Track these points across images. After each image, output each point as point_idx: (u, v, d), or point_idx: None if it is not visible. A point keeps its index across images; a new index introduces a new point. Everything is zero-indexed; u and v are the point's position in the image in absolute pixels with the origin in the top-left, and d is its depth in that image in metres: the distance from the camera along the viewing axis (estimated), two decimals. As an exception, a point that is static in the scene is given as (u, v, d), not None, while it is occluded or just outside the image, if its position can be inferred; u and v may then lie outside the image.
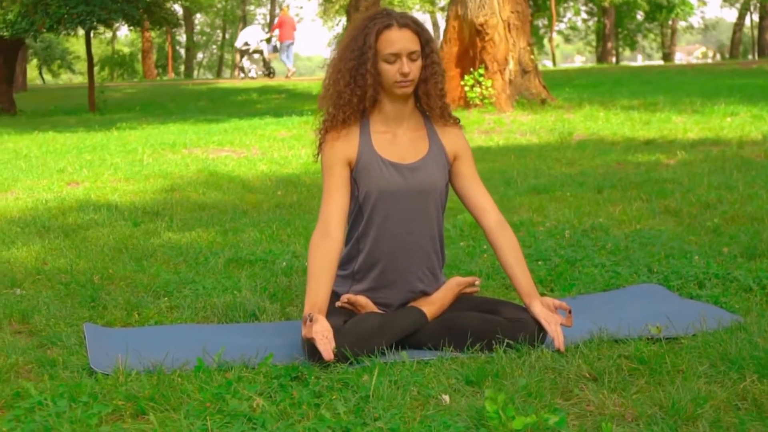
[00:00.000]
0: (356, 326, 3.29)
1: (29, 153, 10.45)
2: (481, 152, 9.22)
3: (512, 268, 3.51)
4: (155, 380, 2.97)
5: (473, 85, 12.59)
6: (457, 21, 12.80)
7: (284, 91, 22.16)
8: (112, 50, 54.82)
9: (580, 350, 3.24)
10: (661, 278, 4.29)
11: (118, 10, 17.85)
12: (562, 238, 5.13)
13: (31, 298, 4.12)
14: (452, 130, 3.60)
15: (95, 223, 5.97)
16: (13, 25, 17.93)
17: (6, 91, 19.53)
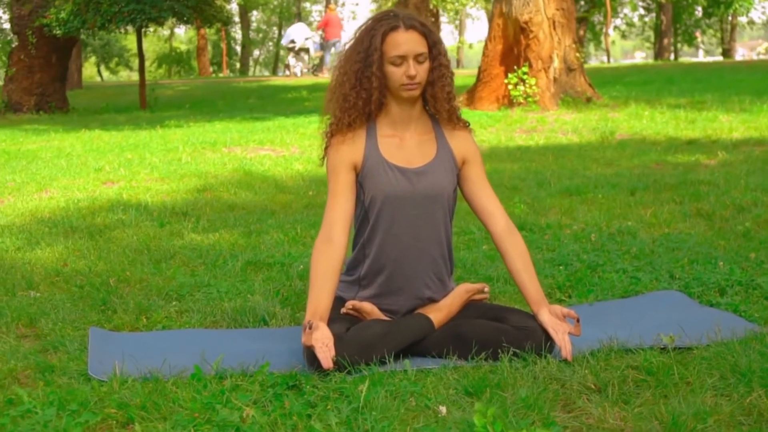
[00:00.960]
0: (359, 334, 3.24)
1: (72, 151, 10.53)
2: (519, 152, 9.13)
3: (520, 275, 3.43)
4: (148, 388, 2.94)
5: (517, 83, 12.47)
6: (501, 19, 12.69)
7: (333, 89, 22.09)
8: (169, 48, 55.26)
9: (588, 360, 3.16)
10: (682, 285, 4.19)
11: (168, 8, 17.93)
12: (587, 242, 5.04)
13: (44, 301, 4.12)
14: (461, 134, 3.53)
15: (122, 223, 5.98)
16: (65, 23, 18.09)
17: (59, 89, 19.71)
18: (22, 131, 13.84)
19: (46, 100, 19.26)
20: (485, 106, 12.66)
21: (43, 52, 19.15)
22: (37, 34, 18.74)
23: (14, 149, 10.97)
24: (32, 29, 18.75)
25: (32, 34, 18.78)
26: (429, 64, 3.39)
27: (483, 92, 12.85)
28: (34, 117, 17.49)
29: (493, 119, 11.70)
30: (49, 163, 9.44)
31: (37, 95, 19.26)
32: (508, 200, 6.35)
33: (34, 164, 9.42)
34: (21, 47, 19.14)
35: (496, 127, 11.13)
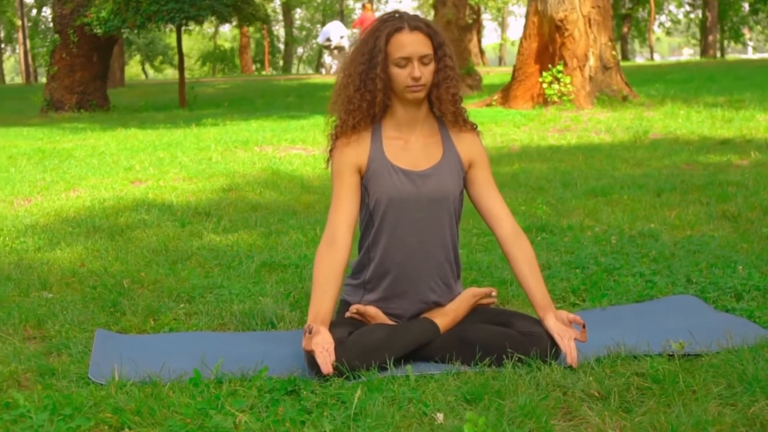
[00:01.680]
0: (361, 338, 3.21)
1: (106, 150, 10.59)
2: (550, 151, 9.05)
3: (526, 280, 3.39)
4: (145, 393, 2.93)
5: (551, 81, 12.38)
6: (536, 17, 12.61)
7: (373, 87, 22.08)
8: (213, 45, 55.56)
9: (593, 367, 3.11)
10: (698, 289, 4.12)
11: (206, 7, 18.00)
12: (607, 245, 4.98)
13: (55, 302, 4.13)
14: (468, 136, 3.49)
15: (144, 223, 5.99)
16: (105, 22, 18.22)
17: (100, 87, 19.86)
18: (60, 129, 13.97)
19: (87, 99, 19.41)
20: (520, 105, 12.59)
21: (84, 51, 19.30)
22: (78, 33, 18.89)
23: (50, 148, 11.05)
24: (73, 28, 18.91)
25: (74, 32, 18.94)
26: (434, 65, 3.35)
27: (518, 91, 12.78)
28: (75, 115, 17.63)
29: (527, 118, 11.62)
30: (82, 162, 9.50)
31: (79, 93, 19.41)
32: (531, 201, 6.29)
33: (66, 163, 9.48)
34: (63, 46, 19.31)
35: (529, 126, 11.05)
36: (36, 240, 5.53)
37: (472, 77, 18.35)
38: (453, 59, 3.43)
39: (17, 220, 6.21)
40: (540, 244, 5.07)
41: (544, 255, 4.80)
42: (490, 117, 11.81)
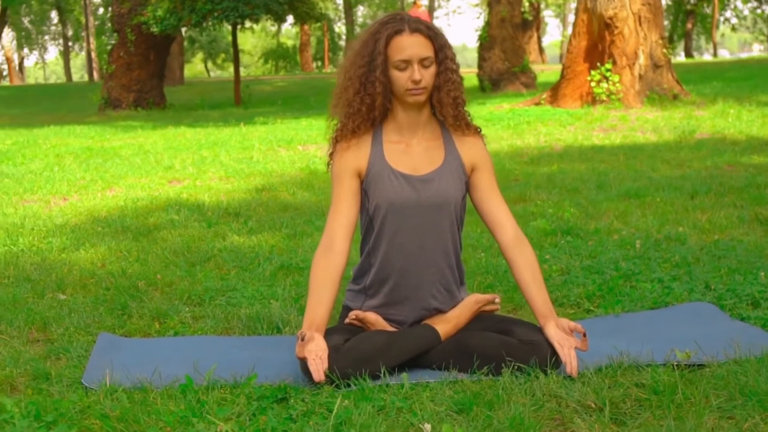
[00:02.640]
0: (358, 345, 3.17)
1: (152, 149, 10.67)
2: (592, 152, 8.93)
3: (528, 287, 3.32)
4: (132, 399, 2.92)
5: (600, 80, 12.22)
6: (586, 14, 12.45)
7: (428, 85, 22.04)
8: (276, 43, 55.86)
9: (592, 376, 3.05)
10: (715, 296, 4.02)
11: (261, 6, 18.10)
12: (631, 249, 4.88)
13: (66, 304, 4.15)
14: (471, 140, 3.43)
15: (171, 224, 6.01)
16: (161, 21, 18.40)
17: (157, 86, 20.06)
18: (113, 128, 14.11)
19: (143, 97, 19.62)
20: (569, 104, 12.45)
21: (142, 50, 19.51)
22: (135, 31, 19.10)
23: (98, 146, 11.17)
24: (131, 27, 19.13)
25: (131, 31, 19.15)
26: (435, 68, 3.30)
27: (566, 89, 12.64)
28: (132, 113, 17.83)
29: (574, 117, 11.49)
30: (126, 161, 9.58)
31: (135, 92, 19.63)
32: (561, 203, 6.20)
33: (110, 161, 9.57)
34: (120, 45, 19.54)
35: (574, 126, 10.93)
36: (63, 240, 5.57)
37: (527, 75, 18.23)
38: (455, 62, 3.37)
39: (49, 220, 6.27)
40: (563, 248, 4.99)
41: (564, 259, 4.72)
42: (536, 116, 11.70)
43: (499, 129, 11.04)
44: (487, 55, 18.38)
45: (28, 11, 59.82)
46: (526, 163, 8.41)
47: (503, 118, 11.83)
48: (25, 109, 21.87)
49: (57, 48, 73.94)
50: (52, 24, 67.85)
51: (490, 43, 18.26)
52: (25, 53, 73.44)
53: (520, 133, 10.57)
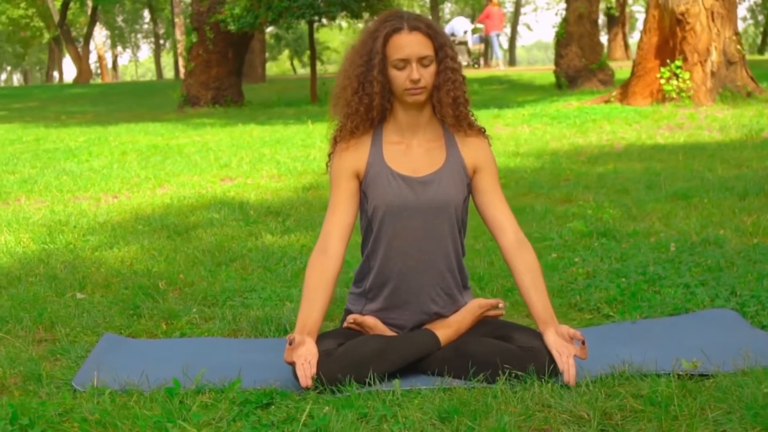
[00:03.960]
0: (352, 350, 3.11)
1: (216, 146, 10.73)
2: (652, 151, 8.73)
3: (528, 292, 3.24)
4: (114, 403, 2.90)
5: (669, 77, 11.95)
6: (657, 10, 12.19)
7: (507, 82, 21.89)
8: (363, 40, 55.88)
9: (589, 386, 2.95)
10: (739, 302, 3.88)
11: (337, 3, 18.08)
12: (665, 252, 4.74)
13: (82, 303, 4.16)
14: (474, 141, 3.35)
15: (210, 223, 6.02)
16: (239, 19, 18.50)
17: (235, 83, 20.18)
18: (185, 125, 14.25)
19: (222, 94, 19.76)
20: (638, 102, 12.19)
21: (220, 47, 19.63)
22: (214, 29, 19.23)
23: (164, 144, 11.27)
24: (209, 25, 19.27)
25: (210, 29, 19.29)
26: (435, 67, 3.22)
27: (636, 87, 12.38)
28: (210, 110, 17.96)
29: (641, 115, 11.25)
30: (186, 159, 9.65)
31: (214, 89, 19.77)
32: (602, 204, 6.06)
33: (170, 159, 9.64)
34: (199, 43, 19.69)
35: (641, 124, 10.70)
36: (99, 238, 5.61)
37: (604, 72, 17.94)
38: (456, 61, 3.29)
39: (93, 218, 6.33)
40: (595, 250, 4.87)
41: (593, 262, 4.61)
42: (604, 114, 11.49)
43: (564, 127, 10.88)
44: (563, 51, 18.13)
45: (121, 10, 60.90)
46: (582, 162, 8.25)
47: (570, 116, 11.65)
48: (110, 106, 22.21)
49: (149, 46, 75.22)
50: (144, 22, 69.05)
51: (567, 39, 18.00)
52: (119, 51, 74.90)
53: (584, 131, 10.40)
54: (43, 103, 24.27)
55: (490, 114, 12.83)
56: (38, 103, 24.37)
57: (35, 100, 25.82)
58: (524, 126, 11.28)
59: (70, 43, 39.86)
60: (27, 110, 21.22)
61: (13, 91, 32.91)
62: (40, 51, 63.62)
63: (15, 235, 5.80)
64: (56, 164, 9.60)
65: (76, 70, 39.38)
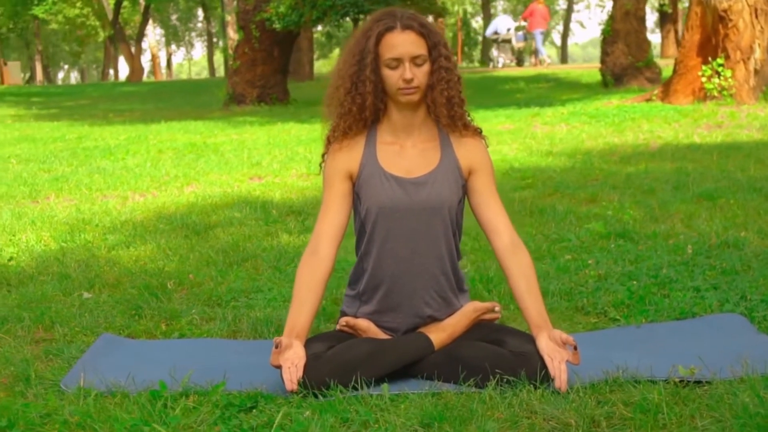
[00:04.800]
0: (341, 354, 3.08)
1: (252, 145, 10.73)
2: (687, 150, 8.59)
3: (522, 296, 3.18)
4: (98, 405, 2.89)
5: (711, 75, 11.75)
6: (699, 7, 11.99)
7: (553, 80, 21.72)
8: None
9: (581, 392, 2.90)
10: (748, 307, 3.79)
11: (381, 1, 18.06)
12: (681, 254, 4.65)
13: (87, 303, 4.17)
14: (470, 142, 3.30)
15: (230, 222, 6.01)
16: (284, 17, 18.55)
17: (280, 81, 20.22)
18: (226, 123, 14.29)
19: (267, 93, 19.81)
20: (680, 100, 12.01)
21: (266, 46, 19.68)
22: (260, 28, 19.29)
23: (201, 142, 11.30)
24: (255, 23, 19.33)
25: (255, 28, 19.36)
26: (429, 67, 3.18)
27: (678, 85, 12.20)
28: (255, 108, 18.01)
29: (681, 114, 11.09)
30: (220, 157, 9.66)
31: (259, 87, 19.82)
32: (627, 206, 5.96)
33: (204, 158, 9.67)
34: (245, 41, 19.75)
35: (679, 123, 10.54)
36: (118, 237, 5.63)
37: (651, 70, 17.72)
38: (450, 60, 3.25)
39: (117, 216, 6.35)
40: (611, 252, 4.79)
41: (606, 265, 4.53)
42: (643, 113, 11.34)
43: (601, 126, 10.75)
44: (609, 49, 17.93)
45: (176, 9, 61.40)
46: (615, 162, 8.14)
47: (609, 114, 11.52)
48: (158, 104, 22.38)
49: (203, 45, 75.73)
50: (198, 21, 69.52)
51: (613, 37, 17.80)
52: (173, 50, 75.54)
53: (622, 130, 10.27)
54: (93, 101, 24.50)
55: (529, 113, 12.73)
56: (89, 101, 24.60)
57: (87, 98, 26.07)
58: (562, 125, 11.17)
59: (123, 42, 40.22)
60: (77, 108, 21.43)
61: (67, 89, 33.24)
62: (97, 49, 64.30)
63: (37, 233, 5.83)
64: (92, 162, 9.66)
65: (129, 68, 39.75)
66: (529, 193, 6.68)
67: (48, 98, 26.18)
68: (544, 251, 4.90)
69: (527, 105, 14.26)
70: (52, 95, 28.01)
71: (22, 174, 8.86)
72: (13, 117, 18.35)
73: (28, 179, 8.41)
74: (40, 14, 41.51)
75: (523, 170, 7.71)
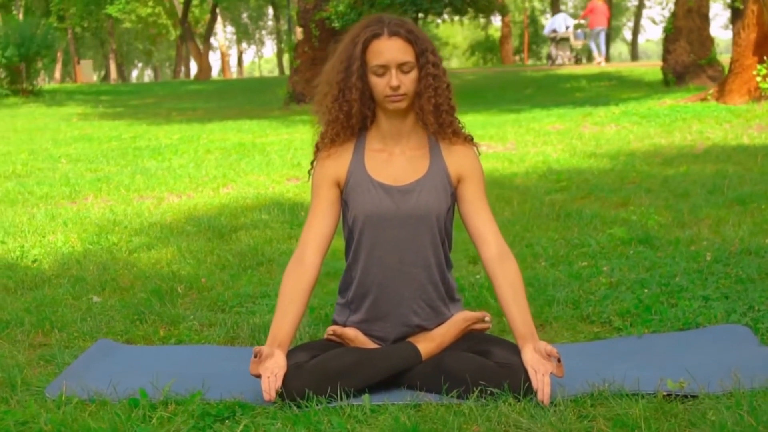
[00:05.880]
0: (325, 363, 3.06)
1: (299, 145, 10.76)
2: (733, 152, 8.42)
3: (508, 306, 3.13)
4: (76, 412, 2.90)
5: (766, 74, 11.50)
6: (756, 5, 11.73)
7: (616, 78, 21.45)
8: (485, 35, 55.67)
9: (560, 405, 2.85)
10: (753, 318, 3.69)
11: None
12: (700, 261, 4.55)
13: (94, 307, 4.20)
14: (460, 149, 3.26)
15: (255, 224, 6.02)
16: (343, 16, 18.61)
17: (340, 80, 20.30)
18: (280, 122, 14.36)
19: (326, 91, 19.90)
20: (735, 100, 11.77)
21: (325, 45, 19.73)
22: (319, 27, 19.37)
23: (250, 142, 11.36)
24: (315, 22, 19.41)
25: (315, 26, 19.44)
26: (416, 73, 3.14)
27: (733, 85, 11.96)
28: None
29: (734, 114, 10.87)
30: (264, 157, 9.70)
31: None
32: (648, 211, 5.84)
33: (247, 158, 9.71)
34: (305, 40, 19.86)
35: (731, 123, 10.34)
36: (142, 239, 5.67)
37: (714, 68, 17.44)
38: (439, 67, 3.20)
39: (146, 218, 6.40)
40: (629, 258, 4.71)
41: (619, 272, 4.46)
42: (695, 113, 11.14)
43: (651, 126, 10.59)
44: (671, 47, 17.69)
45: (246, 6, 61.91)
46: (657, 164, 8.01)
47: (660, 114, 11.33)
48: (221, 102, 22.57)
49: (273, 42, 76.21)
50: (268, 19, 69.99)
51: (675, 34, 17.55)
52: (244, 48, 76.12)
53: (671, 131, 10.10)
54: (159, 99, 24.79)
55: (580, 112, 12.58)
56: (155, 99, 24.89)
57: (154, 96, 26.39)
58: (611, 125, 11.02)
59: (191, 40, 40.62)
60: (142, 107, 21.71)
61: (136, 87, 33.67)
62: (170, 48, 65.08)
63: (66, 234, 5.90)
64: (138, 162, 9.76)
65: (197, 66, 40.16)
66: (560, 197, 6.60)
67: (116, 97, 26.54)
68: (561, 257, 4.83)
69: (584, 104, 14.10)
70: (120, 93, 28.39)
71: (68, 174, 8.98)
72: (79, 115, 18.64)
73: (72, 179, 8.51)
74: (113, 13, 42.11)
75: (561, 172, 7.61)
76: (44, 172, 9.30)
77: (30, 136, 13.99)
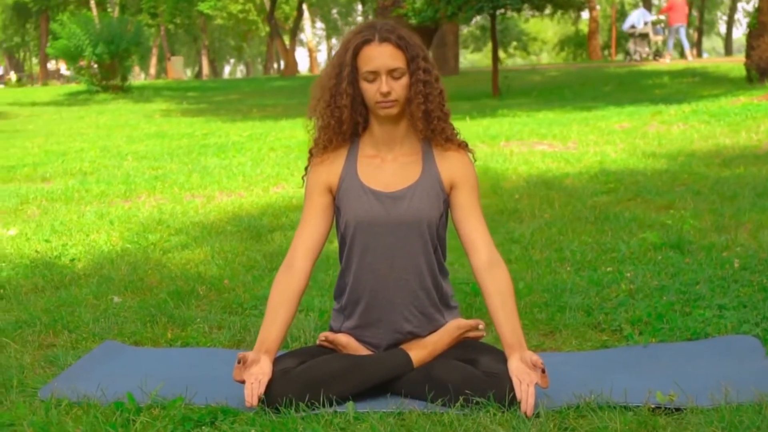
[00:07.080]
0: (311, 370, 3.06)
1: (362, 143, 10.75)
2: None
3: (497, 314, 3.10)
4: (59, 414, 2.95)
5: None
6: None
7: (700, 74, 21.02)
8: (575, 31, 55.08)
9: (541, 416, 2.82)
10: (765, 329, 3.60)
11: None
12: (728, 269, 4.44)
13: (111, 307, 4.26)
14: (453, 156, 3.23)
15: (294, 225, 6.03)
16: (419, 13, 18.60)
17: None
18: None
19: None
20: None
21: (404, 41, 19.78)
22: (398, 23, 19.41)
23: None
24: (392, 19, 19.44)
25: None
26: (407, 79, 3.13)
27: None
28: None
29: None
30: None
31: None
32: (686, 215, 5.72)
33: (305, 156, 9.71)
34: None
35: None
36: (180, 239, 5.74)
37: (792, 66, 16.97)
38: (431, 73, 3.18)
39: (190, 217, 6.47)
40: (657, 264, 4.63)
41: (641, 278, 4.37)
42: (765, 111, 10.84)
43: (717, 125, 10.35)
44: (755, 43, 17.23)
45: (336, 2, 62.19)
46: (714, 165, 7.83)
47: (731, 113, 11.06)
48: (303, 99, 22.59)
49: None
50: (357, 15, 70.20)
51: (759, 30, 17.11)
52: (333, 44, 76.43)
53: (737, 130, 9.85)
54: (243, 96, 24.99)
55: (651, 111, 12.36)
56: (239, 96, 25.10)
57: (239, 92, 26.62)
58: (679, 124, 10.80)
59: (278, 36, 40.92)
60: (225, 103, 21.93)
61: (223, 83, 34.03)
62: (261, 44, 65.74)
63: (109, 233, 5.99)
64: (200, 160, 9.87)
65: (283, 62, 40.47)
66: (605, 199, 6.50)
67: (202, 93, 26.83)
68: (587, 262, 4.76)
69: (660, 102, 13.83)
70: (207, 90, 28.70)
71: (129, 172, 9.12)
72: (162, 112, 18.93)
73: (131, 177, 8.64)
74: (205, 10, 42.65)
75: (612, 173, 7.48)
76: (108, 170, 9.45)
77: (108, 132, 14.26)
